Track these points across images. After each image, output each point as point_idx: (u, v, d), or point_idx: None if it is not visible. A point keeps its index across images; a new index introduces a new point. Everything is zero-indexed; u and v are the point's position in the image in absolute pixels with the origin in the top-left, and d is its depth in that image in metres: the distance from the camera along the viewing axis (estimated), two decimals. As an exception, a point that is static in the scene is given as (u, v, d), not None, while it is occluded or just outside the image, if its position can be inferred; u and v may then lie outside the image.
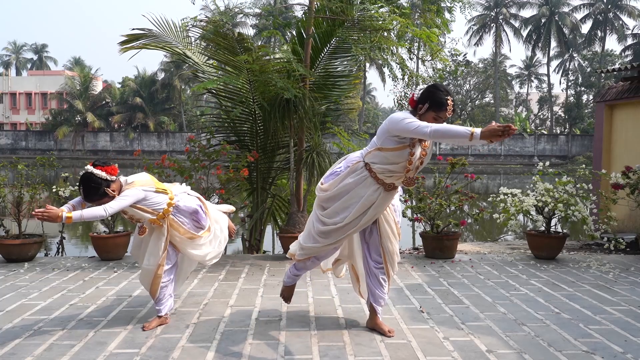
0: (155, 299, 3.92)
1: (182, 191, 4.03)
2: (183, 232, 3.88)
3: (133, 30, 6.63)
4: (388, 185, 3.52)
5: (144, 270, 3.90)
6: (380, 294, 3.78)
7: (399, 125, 3.27)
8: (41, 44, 71.29)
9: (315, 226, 3.67)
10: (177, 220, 3.87)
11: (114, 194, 3.55)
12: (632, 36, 48.69)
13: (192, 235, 3.92)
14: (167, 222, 3.84)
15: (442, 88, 3.41)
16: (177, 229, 3.87)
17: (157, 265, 3.84)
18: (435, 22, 6.80)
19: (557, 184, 6.58)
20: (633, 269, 5.92)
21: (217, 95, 7.50)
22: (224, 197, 6.36)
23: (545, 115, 52.17)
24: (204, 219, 4.02)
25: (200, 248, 4.01)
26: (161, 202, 3.76)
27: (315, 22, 6.68)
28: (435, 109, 3.34)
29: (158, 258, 3.84)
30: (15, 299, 4.57)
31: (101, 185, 3.49)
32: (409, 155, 3.39)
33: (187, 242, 3.93)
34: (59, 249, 7.45)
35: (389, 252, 3.75)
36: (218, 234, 4.17)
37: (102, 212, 3.42)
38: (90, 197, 3.51)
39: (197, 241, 3.97)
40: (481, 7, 49.84)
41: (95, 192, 3.48)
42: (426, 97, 3.37)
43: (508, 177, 32.67)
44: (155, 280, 3.86)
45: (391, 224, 3.75)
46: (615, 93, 9.23)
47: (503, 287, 5.08)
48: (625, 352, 3.43)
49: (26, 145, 48.33)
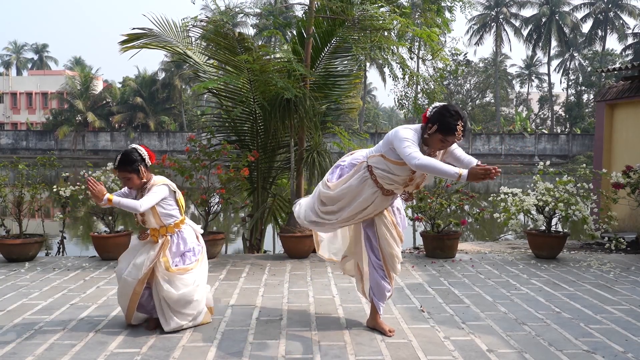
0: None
1: (193, 225, 3.99)
2: (167, 260, 3.72)
3: (133, 29, 6.65)
4: (386, 191, 3.55)
5: (122, 282, 3.73)
6: (382, 289, 3.74)
7: (398, 145, 3.32)
8: (42, 44, 71.25)
9: (313, 209, 3.78)
10: (173, 243, 3.78)
11: (142, 178, 3.71)
12: (632, 35, 48.65)
13: (179, 269, 3.72)
14: (164, 242, 3.75)
15: (454, 111, 3.32)
16: (167, 254, 3.73)
17: (137, 280, 3.68)
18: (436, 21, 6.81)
19: (557, 184, 6.58)
20: (634, 268, 5.92)
21: (217, 95, 7.50)
22: (224, 197, 6.36)
23: (546, 115, 52.16)
24: (192, 259, 3.83)
25: (176, 286, 3.68)
26: (174, 214, 3.80)
27: (316, 22, 6.68)
28: (443, 132, 3.33)
29: (140, 273, 3.68)
30: (16, 299, 4.57)
31: (137, 161, 3.68)
32: (410, 171, 3.41)
33: (168, 273, 3.69)
34: (59, 249, 7.44)
35: (389, 255, 3.72)
36: (200, 291, 3.81)
37: (137, 206, 3.58)
38: (124, 166, 3.66)
39: (180, 275, 3.71)
40: (481, 6, 49.81)
41: (130, 164, 3.65)
42: (436, 119, 3.34)
43: (509, 176, 32.64)
44: (133, 297, 3.70)
45: (389, 227, 3.70)
46: (615, 92, 9.23)
47: (504, 286, 5.08)
48: (625, 352, 3.43)
49: (27, 145, 48.35)
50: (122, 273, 3.76)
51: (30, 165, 6.72)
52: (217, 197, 6.49)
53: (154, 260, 3.71)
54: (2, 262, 6.06)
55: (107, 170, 6.55)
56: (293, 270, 5.73)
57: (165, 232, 3.78)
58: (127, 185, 3.79)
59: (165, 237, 3.77)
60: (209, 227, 6.53)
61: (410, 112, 7.60)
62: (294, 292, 4.81)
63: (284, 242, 6.47)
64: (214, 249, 6.29)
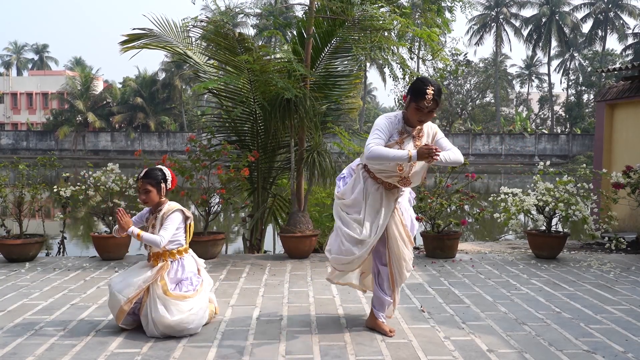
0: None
1: (195, 258, 3.99)
2: (165, 284, 3.70)
3: (134, 30, 6.65)
4: (387, 184, 3.55)
5: (113, 297, 3.71)
6: (382, 301, 3.70)
7: (370, 135, 3.42)
8: (42, 44, 71.34)
9: (342, 233, 3.62)
10: (172, 269, 3.76)
11: (161, 197, 3.84)
12: (632, 35, 48.67)
13: (177, 295, 3.68)
14: (162, 265, 3.73)
15: (425, 79, 3.39)
16: (165, 277, 3.71)
17: (126, 299, 3.65)
18: (436, 21, 6.81)
19: (557, 184, 6.58)
20: (634, 268, 5.92)
21: (217, 95, 7.50)
22: (224, 197, 6.37)
23: (546, 115, 52.17)
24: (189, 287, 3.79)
25: (171, 311, 3.62)
26: (179, 240, 3.83)
27: (316, 22, 6.68)
28: (413, 98, 3.35)
29: (130, 292, 3.67)
30: (16, 299, 4.57)
31: (160, 178, 3.84)
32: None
33: (165, 297, 3.66)
34: (60, 249, 7.45)
35: (396, 256, 3.63)
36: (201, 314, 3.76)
37: (158, 242, 3.69)
38: (149, 178, 3.81)
39: (177, 302, 3.65)
40: (482, 6, 49.85)
41: (154, 177, 3.82)
42: (409, 88, 3.41)
43: (509, 176, 32.64)
44: (119, 315, 3.69)
45: (398, 225, 3.64)
46: (615, 92, 9.23)
47: (504, 286, 5.08)
48: (626, 352, 3.43)
49: (27, 146, 48.38)
50: (113, 287, 3.74)
51: (31, 165, 6.72)
52: (218, 197, 6.49)
53: (149, 282, 3.69)
54: (2, 262, 6.06)
55: (107, 171, 6.56)
56: (293, 270, 5.73)
57: (166, 257, 3.78)
58: (145, 199, 3.80)
59: (165, 262, 3.76)
60: (209, 227, 6.53)
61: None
62: (294, 292, 4.81)
63: (284, 242, 6.47)
64: (214, 249, 6.29)
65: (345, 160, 7.70)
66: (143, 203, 3.87)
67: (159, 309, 3.61)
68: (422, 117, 3.40)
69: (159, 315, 3.59)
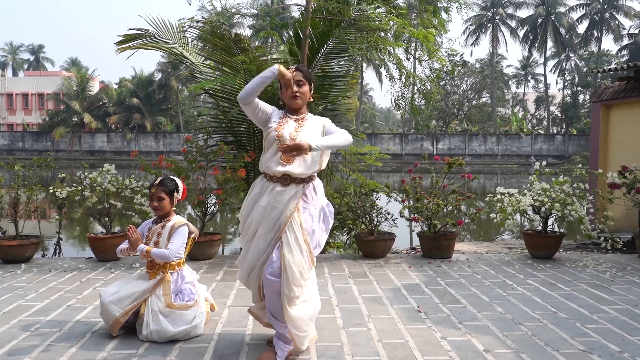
0: None
1: (191, 270, 3.97)
2: (167, 297, 3.67)
3: (130, 30, 6.65)
4: (269, 177, 3.26)
5: (107, 309, 3.63)
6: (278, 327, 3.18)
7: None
8: (38, 45, 71.19)
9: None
10: (172, 280, 3.75)
11: (172, 206, 3.91)
12: (628, 36, 48.86)
13: (180, 305, 3.67)
14: (162, 278, 3.72)
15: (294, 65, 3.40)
16: (165, 289, 3.69)
17: (122, 312, 3.61)
18: (432, 22, 6.81)
19: (553, 184, 6.60)
20: (630, 268, 5.94)
21: (214, 95, 7.49)
22: (221, 198, 6.36)
23: (542, 115, 52.32)
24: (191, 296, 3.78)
25: (176, 323, 3.61)
26: (181, 254, 3.84)
27: (312, 23, 6.68)
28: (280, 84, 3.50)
29: (126, 305, 3.63)
30: (12, 300, 4.56)
31: (173, 187, 3.91)
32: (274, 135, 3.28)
33: (168, 310, 3.63)
34: (56, 250, 7.43)
35: (288, 266, 3.08)
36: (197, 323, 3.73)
37: (167, 255, 3.71)
38: (164, 185, 3.87)
39: (182, 312, 3.65)
40: (478, 7, 49.99)
41: (167, 185, 3.89)
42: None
43: (505, 176, 32.72)
44: (114, 326, 3.63)
45: (295, 230, 3.15)
46: (611, 93, 9.26)
47: (500, 286, 5.09)
48: (622, 351, 3.44)
49: (23, 146, 48.22)
50: (106, 299, 3.66)
51: (27, 166, 6.70)
52: (214, 198, 6.49)
53: (147, 294, 3.67)
54: (-2, 264, 6.04)
55: (103, 171, 6.54)
56: (290, 271, 5.71)
57: (166, 269, 3.77)
58: (157, 206, 3.80)
59: (165, 274, 3.75)
60: (206, 228, 6.52)
61: (407, 112, 7.61)
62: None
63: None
64: (211, 249, 6.28)
65: (342, 161, 7.70)
66: (154, 210, 3.85)
67: (161, 321, 3.58)
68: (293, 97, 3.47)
69: (162, 329, 3.57)
